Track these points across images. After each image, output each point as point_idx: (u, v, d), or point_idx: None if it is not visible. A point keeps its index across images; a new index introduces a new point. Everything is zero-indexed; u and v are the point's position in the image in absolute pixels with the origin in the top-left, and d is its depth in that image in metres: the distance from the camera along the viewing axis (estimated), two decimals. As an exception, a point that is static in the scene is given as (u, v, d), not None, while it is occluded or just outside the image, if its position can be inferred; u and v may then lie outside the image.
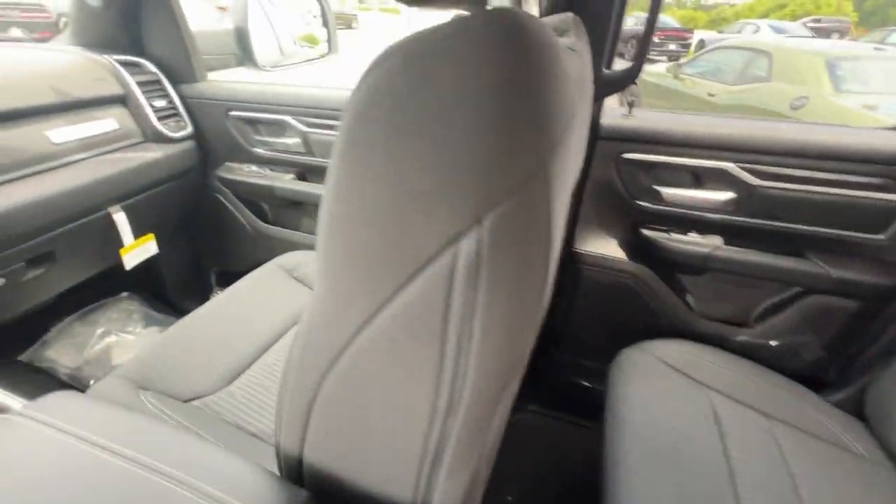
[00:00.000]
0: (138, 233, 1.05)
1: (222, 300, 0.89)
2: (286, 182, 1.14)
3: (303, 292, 0.94)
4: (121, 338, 1.22)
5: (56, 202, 0.84)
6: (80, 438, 0.47)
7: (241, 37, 1.14)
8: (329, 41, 1.30)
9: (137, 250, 1.05)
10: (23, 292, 0.90)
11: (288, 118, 1.09)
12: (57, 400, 0.52)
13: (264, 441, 0.68)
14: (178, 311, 1.37)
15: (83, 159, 0.91)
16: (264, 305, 0.88)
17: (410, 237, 0.29)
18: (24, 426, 0.48)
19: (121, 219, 0.98)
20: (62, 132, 0.88)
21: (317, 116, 1.08)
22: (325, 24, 1.30)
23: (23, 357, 1.10)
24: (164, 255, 1.15)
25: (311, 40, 1.57)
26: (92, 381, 1.10)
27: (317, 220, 0.31)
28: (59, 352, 1.15)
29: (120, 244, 1.01)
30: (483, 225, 0.27)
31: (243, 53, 1.18)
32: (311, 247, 1.18)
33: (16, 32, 6.96)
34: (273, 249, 1.26)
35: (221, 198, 1.23)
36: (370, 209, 0.29)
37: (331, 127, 1.09)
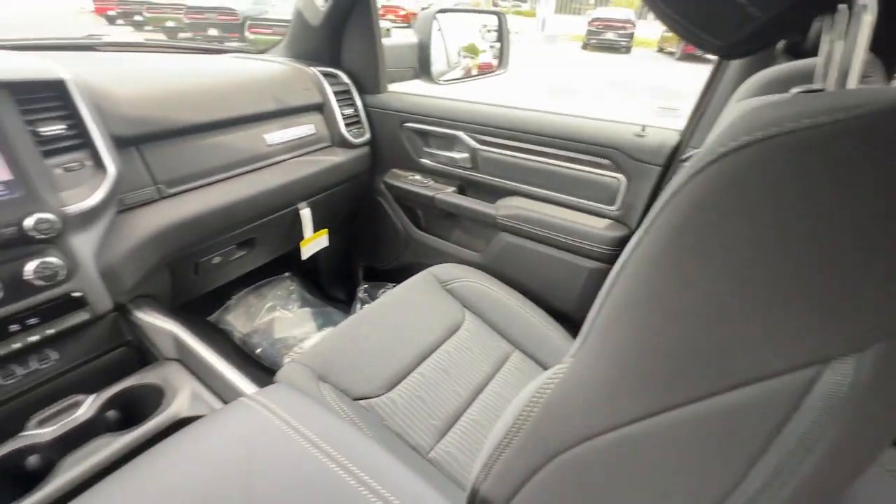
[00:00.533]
0: (315, 227, 1.16)
1: (383, 304, 0.94)
2: (446, 194, 1.17)
3: (454, 306, 0.96)
4: (282, 314, 1.37)
5: (265, 196, 0.96)
6: (293, 429, 0.53)
7: (423, 51, 1.20)
8: (501, 56, 1.31)
9: (314, 243, 1.17)
10: (229, 269, 1.05)
11: (460, 133, 1.12)
12: (277, 391, 0.60)
13: (422, 456, 0.70)
14: (327, 296, 1.51)
15: (286, 160, 1.03)
16: (421, 315, 0.91)
17: (747, 344, 0.24)
18: (255, 410, 0.55)
19: (306, 214, 1.10)
20: (275, 135, 1.00)
21: (488, 134, 1.09)
22: (500, 38, 1.31)
23: (211, 318, 1.30)
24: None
25: (472, 50, 1.59)
26: (258, 350, 1.25)
27: (467, 233, 0.27)
28: (237, 318, 1.33)
29: (300, 236, 1.14)
30: (867, 354, 0.22)
31: (421, 67, 1.24)
32: (457, 258, 1.20)
33: (213, 32, 8.38)
34: (420, 255, 1.31)
35: (382, 201, 1.32)
36: (696, 301, 0.25)
37: (499, 145, 1.08)
